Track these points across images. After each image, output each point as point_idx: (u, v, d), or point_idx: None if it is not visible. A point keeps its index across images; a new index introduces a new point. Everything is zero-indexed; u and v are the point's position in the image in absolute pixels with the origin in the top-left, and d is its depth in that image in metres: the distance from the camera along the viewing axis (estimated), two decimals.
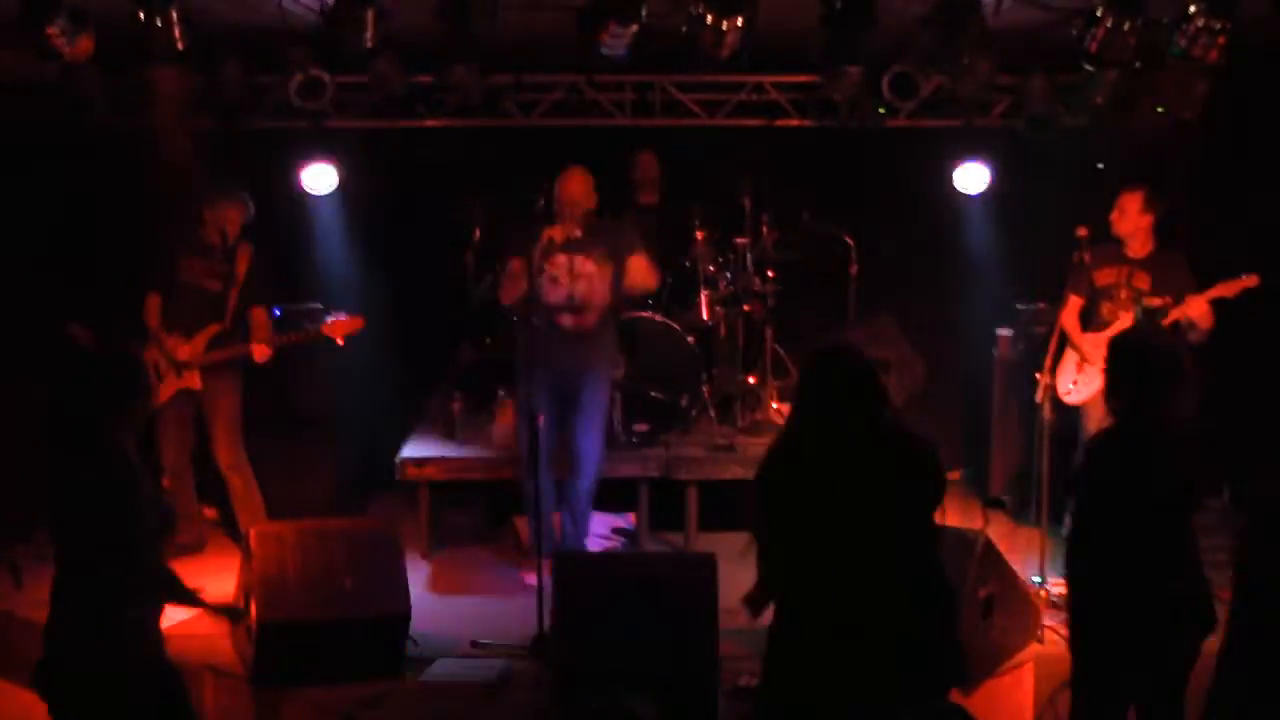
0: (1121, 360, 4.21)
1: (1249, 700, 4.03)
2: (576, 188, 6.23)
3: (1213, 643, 4.17)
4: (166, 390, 6.53)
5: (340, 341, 6.59)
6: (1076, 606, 4.29)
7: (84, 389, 4.11)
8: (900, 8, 5.88)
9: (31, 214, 7.26)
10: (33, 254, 7.30)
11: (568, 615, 4.98)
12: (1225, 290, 6.05)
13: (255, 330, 6.62)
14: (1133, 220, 6.27)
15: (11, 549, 6.56)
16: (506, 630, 5.69)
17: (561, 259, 6.19)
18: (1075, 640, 4.29)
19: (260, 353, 6.50)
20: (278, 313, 6.97)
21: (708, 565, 5.05)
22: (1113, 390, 4.25)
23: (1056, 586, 6.08)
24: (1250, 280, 6.01)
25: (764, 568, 3.91)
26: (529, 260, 6.06)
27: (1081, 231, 6.15)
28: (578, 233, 6.12)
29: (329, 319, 6.64)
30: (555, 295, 6.20)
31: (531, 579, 6.25)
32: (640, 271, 6.41)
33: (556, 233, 6.08)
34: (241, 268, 6.60)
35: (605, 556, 6.64)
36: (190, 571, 5.35)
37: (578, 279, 6.23)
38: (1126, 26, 5.87)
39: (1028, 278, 7.59)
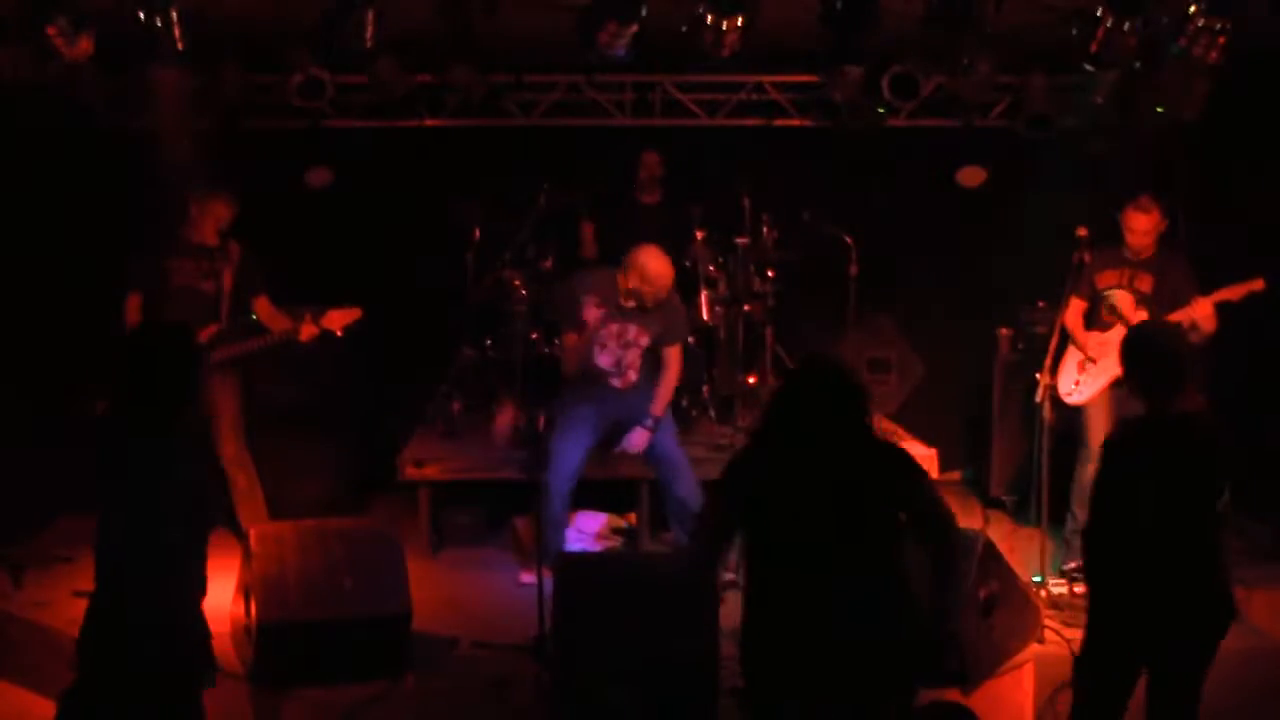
0: (1133, 356, 4.23)
1: None
2: (665, 270, 6.14)
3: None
4: None
5: (339, 332, 6.57)
6: (1097, 598, 4.23)
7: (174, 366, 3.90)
8: (900, 8, 5.88)
9: (31, 214, 7.26)
10: (32, 254, 7.30)
11: (568, 615, 4.97)
12: (1231, 294, 6.03)
13: (269, 320, 6.60)
14: (1152, 231, 6.23)
15: (11, 549, 6.56)
16: (506, 630, 5.69)
17: (614, 327, 6.21)
18: (1094, 634, 4.24)
19: (307, 332, 6.48)
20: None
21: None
22: (1131, 386, 4.27)
23: (1057, 586, 6.09)
24: (1256, 284, 5.99)
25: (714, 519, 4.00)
26: (580, 330, 6.17)
27: (1081, 231, 6.14)
28: (634, 304, 6.17)
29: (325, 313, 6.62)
30: (603, 360, 6.26)
31: (529, 578, 6.27)
32: (672, 360, 6.39)
33: (624, 299, 6.15)
34: (233, 265, 6.57)
35: (605, 556, 6.64)
36: None
37: (628, 347, 6.26)
38: (1126, 26, 5.87)
39: (1028, 278, 7.58)
